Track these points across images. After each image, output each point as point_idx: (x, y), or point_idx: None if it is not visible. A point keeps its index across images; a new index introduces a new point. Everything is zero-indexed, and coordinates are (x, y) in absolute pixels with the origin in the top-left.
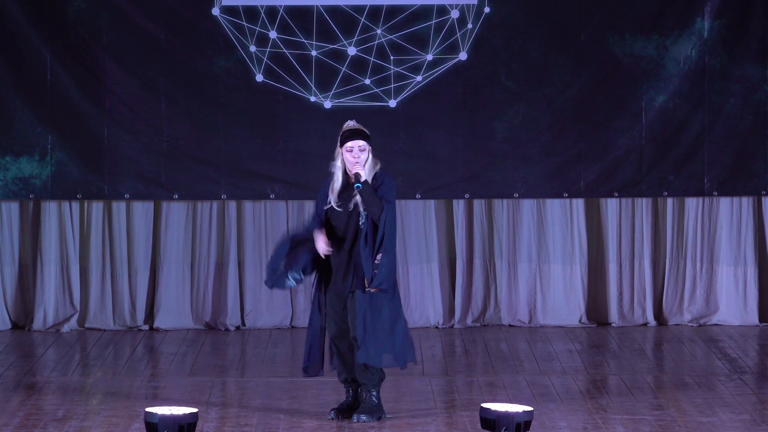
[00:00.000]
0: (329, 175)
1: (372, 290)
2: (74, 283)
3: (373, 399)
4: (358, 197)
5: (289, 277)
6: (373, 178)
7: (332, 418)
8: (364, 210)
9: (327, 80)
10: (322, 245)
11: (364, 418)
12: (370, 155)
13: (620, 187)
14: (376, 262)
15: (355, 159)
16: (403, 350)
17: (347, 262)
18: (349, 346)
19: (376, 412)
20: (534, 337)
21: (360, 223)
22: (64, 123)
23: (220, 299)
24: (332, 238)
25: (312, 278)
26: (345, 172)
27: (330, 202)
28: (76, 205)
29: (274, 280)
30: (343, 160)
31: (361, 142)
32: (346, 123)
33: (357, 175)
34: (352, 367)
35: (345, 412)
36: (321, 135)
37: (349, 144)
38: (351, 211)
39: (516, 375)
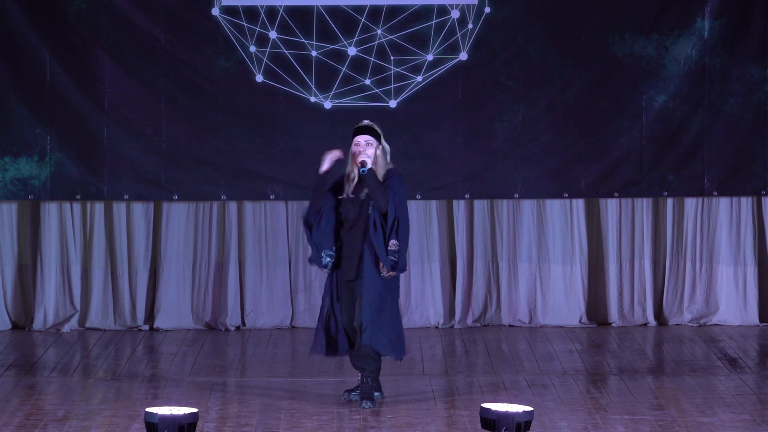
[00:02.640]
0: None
1: (387, 274)
2: (74, 283)
3: (370, 383)
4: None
5: (323, 254)
6: (385, 174)
7: (347, 399)
8: (371, 199)
9: (327, 80)
10: (329, 157)
11: (368, 404)
12: (380, 152)
13: (620, 187)
14: (391, 248)
15: (360, 150)
16: (402, 343)
17: (359, 249)
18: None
19: (375, 396)
20: (534, 337)
21: (369, 210)
22: (64, 123)
23: (221, 299)
24: (344, 228)
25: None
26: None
27: (344, 194)
28: (76, 206)
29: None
30: (352, 155)
31: (368, 137)
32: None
33: (362, 162)
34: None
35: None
36: (321, 135)
37: (356, 138)
38: (362, 200)
39: (516, 375)
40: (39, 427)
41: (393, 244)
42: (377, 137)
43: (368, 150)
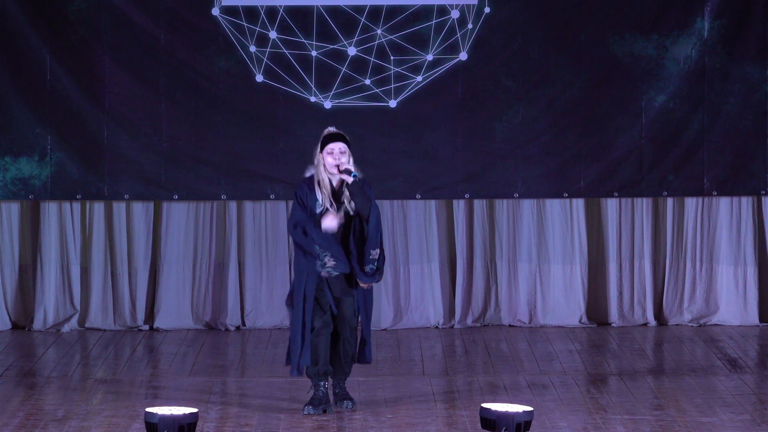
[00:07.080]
0: (301, 186)
1: (368, 286)
2: (74, 284)
3: (345, 386)
4: (348, 202)
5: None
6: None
7: (309, 414)
8: (355, 208)
9: (327, 80)
10: (331, 219)
11: (351, 404)
12: (351, 159)
13: (620, 187)
14: (373, 257)
15: (336, 161)
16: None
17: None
18: (327, 340)
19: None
20: (534, 337)
21: (356, 226)
22: (64, 123)
23: (220, 299)
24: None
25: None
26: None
27: (321, 206)
28: (76, 206)
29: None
30: (324, 165)
31: (342, 145)
32: (327, 129)
33: (347, 170)
34: (328, 360)
35: (324, 405)
36: (321, 135)
37: (330, 146)
38: (344, 215)
39: (516, 375)
40: (39, 427)
41: (375, 252)
42: (348, 145)
43: (342, 159)
